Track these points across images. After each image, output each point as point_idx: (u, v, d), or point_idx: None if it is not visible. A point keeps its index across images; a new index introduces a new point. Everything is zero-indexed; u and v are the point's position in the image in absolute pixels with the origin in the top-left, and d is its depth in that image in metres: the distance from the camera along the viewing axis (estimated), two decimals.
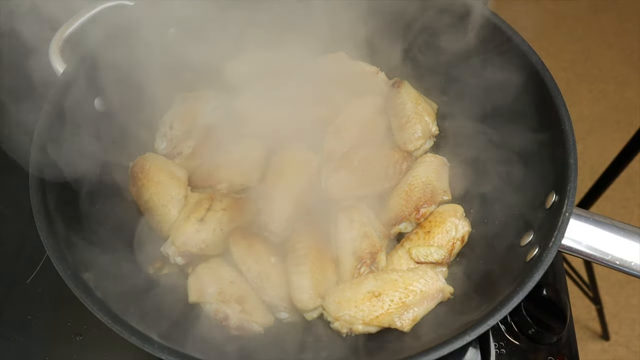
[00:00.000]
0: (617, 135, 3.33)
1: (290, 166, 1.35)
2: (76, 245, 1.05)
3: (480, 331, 0.90)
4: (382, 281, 1.14)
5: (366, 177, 1.35)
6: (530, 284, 0.93)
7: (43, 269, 1.30)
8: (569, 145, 1.06)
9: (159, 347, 0.89)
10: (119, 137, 1.35)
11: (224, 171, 1.35)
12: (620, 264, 1.01)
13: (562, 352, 1.15)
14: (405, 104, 1.39)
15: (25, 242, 1.35)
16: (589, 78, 3.67)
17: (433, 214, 1.28)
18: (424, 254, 1.19)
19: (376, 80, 1.49)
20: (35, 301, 1.26)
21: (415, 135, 1.39)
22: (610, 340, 2.75)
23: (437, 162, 1.37)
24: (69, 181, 1.15)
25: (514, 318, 1.15)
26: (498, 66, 1.29)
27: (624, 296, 2.87)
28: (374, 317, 1.10)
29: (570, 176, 1.02)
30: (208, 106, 1.43)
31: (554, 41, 3.83)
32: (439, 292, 1.14)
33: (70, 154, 1.18)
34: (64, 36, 1.28)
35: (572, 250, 1.03)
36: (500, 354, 1.14)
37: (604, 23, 3.91)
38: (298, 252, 1.21)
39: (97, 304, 0.92)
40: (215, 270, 1.20)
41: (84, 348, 1.19)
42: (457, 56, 1.42)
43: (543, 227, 1.03)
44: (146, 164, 1.32)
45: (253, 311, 1.14)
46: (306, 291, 1.16)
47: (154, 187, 1.29)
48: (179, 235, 1.22)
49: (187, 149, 1.36)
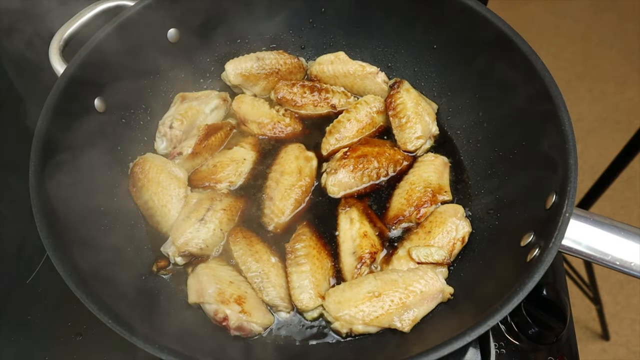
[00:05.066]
0: (617, 135, 3.33)
1: (290, 166, 1.35)
2: (76, 245, 1.05)
3: (481, 331, 0.90)
4: (382, 281, 1.14)
5: (366, 176, 1.35)
6: (531, 284, 0.93)
7: (43, 269, 1.30)
8: (569, 145, 1.06)
9: (159, 347, 0.89)
10: (118, 136, 1.35)
11: (224, 171, 1.36)
12: (620, 264, 1.01)
13: (562, 352, 1.15)
14: (406, 104, 1.39)
15: (25, 242, 1.35)
16: (589, 78, 3.67)
17: (433, 213, 1.28)
18: (424, 254, 1.19)
19: (376, 80, 1.49)
20: (35, 301, 1.26)
21: (415, 135, 1.39)
22: (610, 340, 2.75)
23: (438, 161, 1.37)
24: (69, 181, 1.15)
25: (514, 318, 1.15)
26: (498, 66, 1.30)
27: (624, 296, 2.87)
28: (374, 318, 1.10)
29: (570, 176, 1.02)
30: (208, 106, 1.43)
31: (554, 41, 3.83)
32: (439, 292, 1.14)
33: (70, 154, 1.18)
34: (64, 36, 1.28)
35: (572, 250, 1.03)
36: (500, 354, 1.14)
37: (604, 23, 3.91)
38: (298, 252, 1.21)
39: (97, 304, 0.93)
40: (215, 270, 1.20)
41: (84, 348, 1.20)
42: (457, 56, 1.42)
43: (543, 228, 1.03)
44: (146, 164, 1.32)
45: (253, 311, 1.14)
46: (306, 291, 1.16)
47: (154, 187, 1.29)
48: (179, 235, 1.23)
49: (187, 149, 1.36)
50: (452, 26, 1.37)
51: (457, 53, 1.41)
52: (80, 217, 1.13)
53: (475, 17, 1.29)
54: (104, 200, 1.25)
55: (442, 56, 1.46)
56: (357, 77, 1.50)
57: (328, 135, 1.43)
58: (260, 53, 1.51)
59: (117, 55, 1.29)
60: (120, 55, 1.30)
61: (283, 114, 1.46)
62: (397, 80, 1.45)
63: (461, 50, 1.40)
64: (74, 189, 1.16)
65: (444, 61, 1.46)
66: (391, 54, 1.56)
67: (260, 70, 1.49)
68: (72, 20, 1.31)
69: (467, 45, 1.37)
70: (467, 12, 1.30)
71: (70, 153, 1.18)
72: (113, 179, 1.31)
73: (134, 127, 1.40)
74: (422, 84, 1.52)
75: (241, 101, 1.47)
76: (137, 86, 1.39)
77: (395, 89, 1.42)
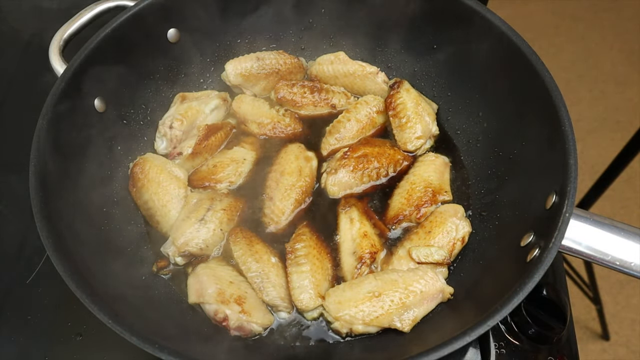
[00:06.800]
0: (617, 135, 3.34)
1: (290, 166, 1.35)
2: (76, 245, 1.05)
3: (481, 331, 0.90)
4: (382, 281, 1.14)
5: (366, 176, 1.35)
6: (531, 284, 0.93)
7: (43, 269, 1.30)
8: (569, 145, 1.06)
9: (159, 347, 0.89)
10: (118, 136, 1.35)
11: (224, 171, 1.36)
12: (620, 264, 1.01)
13: (562, 352, 1.15)
14: (406, 103, 1.39)
15: (25, 242, 1.35)
16: (589, 78, 3.67)
17: (434, 213, 1.28)
18: (424, 254, 1.19)
19: (376, 80, 1.49)
20: (35, 301, 1.26)
21: (415, 135, 1.39)
22: (610, 340, 2.75)
23: (439, 161, 1.37)
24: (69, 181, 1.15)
25: (514, 318, 1.15)
26: (498, 67, 1.30)
27: (624, 296, 2.87)
28: (374, 318, 1.10)
29: (570, 176, 1.02)
30: (208, 106, 1.44)
31: (554, 41, 3.83)
32: (439, 292, 1.14)
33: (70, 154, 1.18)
34: (64, 36, 1.29)
35: (572, 250, 1.02)
36: (500, 354, 1.14)
37: (604, 23, 3.91)
38: (298, 252, 1.21)
39: (97, 304, 0.92)
40: (214, 270, 1.20)
41: (84, 348, 1.19)
42: (457, 56, 1.42)
43: (543, 228, 1.03)
44: (146, 164, 1.32)
45: (253, 311, 1.14)
46: (306, 291, 1.16)
47: (154, 187, 1.29)
48: (179, 235, 1.23)
49: (187, 149, 1.36)
50: (452, 26, 1.37)
51: (457, 53, 1.41)
52: (80, 217, 1.13)
53: (475, 17, 1.29)
54: (104, 200, 1.25)
55: (442, 56, 1.46)
56: (357, 77, 1.50)
57: (328, 135, 1.43)
58: (260, 53, 1.51)
59: (117, 56, 1.29)
60: (120, 55, 1.30)
61: (283, 114, 1.46)
62: (397, 80, 1.45)
63: (461, 51, 1.40)
64: (74, 189, 1.16)
65: (444, 61, 1.46)
66: (391, 54, 1.56)
67: (260, 70, 1.49)
68: (72, 20, 1.31)
69: (467, 46, 1.37)
70: (467, 12, 1.30)
71: (70, 153, 1.18)
72: (113, 179, 1.31)
73: (134, 127, 1.40)
74: (422, 84, 1.52)
75: (241, 101, 1.47)
76: (137, 86, 1.39)
77: (395, 89, 1.42)
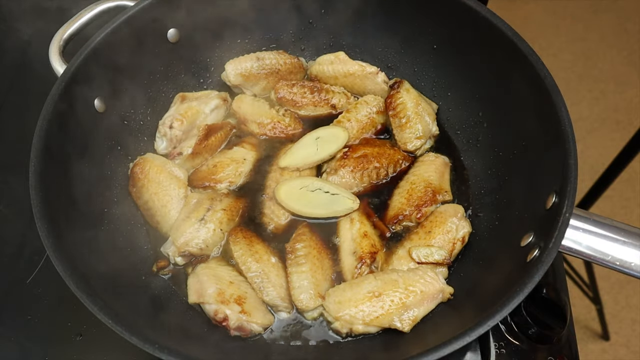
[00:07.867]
0: (617, 135, 3.33)
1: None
2: (76, 245, 1.05)
3: (481, 331, 0.90)
4: (382, 281, 1.14)
5: (366, 176, 1.35)
6: (531, 284, 0.93)
7: (43, 269, 1.30)
8: (569, 145, 1.06)
9: (159, 347, 0.89)
10: (118, 136, 1.35)
11: (224, 171, 1.36)
12: (620, 264, 1.01)
13: (562, 352, 1.15)
14: (406, 104, 1.39)
15: (25, 242, 1.35)
16: (589, 78, 3.67)
17: (434, 213, 1.28)
18: (424, 254, 1.19)
19: (376, 80, 1.49)
20: (35, 301, 1.26)
21: (415, 135, 1.39)
22: (610, 340, 2.75)
23: (439, 161, 1.37)
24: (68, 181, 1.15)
25: (514, 318, 1.15)
26: (498, 67, 1.30)
27: (624, 296, 2.87)
28: (374, 318, 1.10)
29: (570, 177, 1.02)
30: (208, 106, 1.43)
31: (554, 41, 3.83)
32: (439, 292, 1.14)
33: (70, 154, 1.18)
34: (64, 36, 1.29)
35: (572, 250, 1.02)
36: (500, 354, 1.14)
37: (604, 23, 3.91)
38: (298, 252, 1.21)
39: (97, 304, 0.92)
40: (214, 270, 1.20)
41: (84, 348, 1.19)
42: (457, 56, 1.42)
43: (543, 228, 1.03)
44: (146, 164, 1.32)
45: (253, 311, 1.14)
46: (306, 291, 1.16)
47: (154, 187, 1.29)
48: (179, 235, 1.23)
49: (187, 149, 1.36)
50: (452, 26, 1.37)
51: (457, 53, 1.41)
52: (80, 217, 1.14)
53: (475, 17, 1.29)
54: (103, 200, 1.25)
55: (442, 56, 1.46)
56: (357, 77, 1.50)
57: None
58: (260, 53, 1.51)
59: (117, 56, 1.29)
60: (120, 55, 1.30)
61: (283, 114, 1.46)
62: (397, 80, 1.45)
63: (461, 51, 1.40)
64: (74, 188, 1.16)
65: (443, 61, 1.46)
66: (391, 54, 1.56)
67: (260, 70, 1.49)
68: (72, 20, 1.31)
69: (467, 46, 1.37)
70: (467, 13, 1.30)
71: (70, 153, 1.18)
72: (113, 179, 1.31)
73: (134, 127, 1.40)
74: (422, 84, 1.52)
75: (241, 101, 1.47)
76: (137, 86, 1.39)
77: (395, 89, 1.42)
